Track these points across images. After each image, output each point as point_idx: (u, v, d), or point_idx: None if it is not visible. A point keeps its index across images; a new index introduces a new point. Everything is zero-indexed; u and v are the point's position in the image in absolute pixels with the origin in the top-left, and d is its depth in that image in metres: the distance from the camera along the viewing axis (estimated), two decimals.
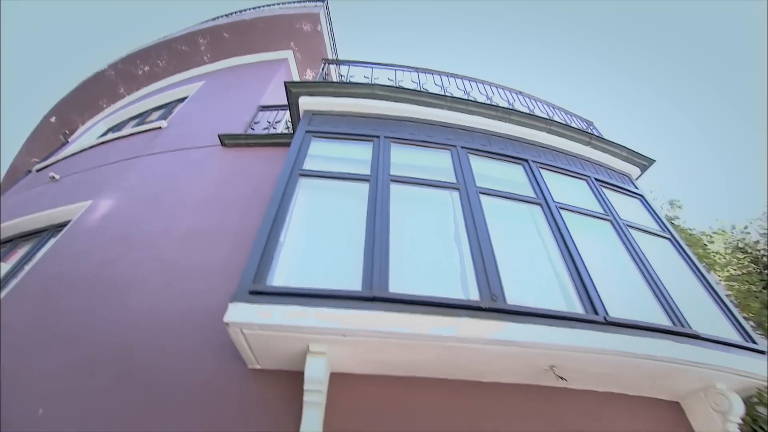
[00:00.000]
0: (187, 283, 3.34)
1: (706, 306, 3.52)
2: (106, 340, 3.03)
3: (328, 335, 2.33)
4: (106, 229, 4.19)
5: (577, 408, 2.84)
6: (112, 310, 3.26)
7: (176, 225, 4.00)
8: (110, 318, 3.20)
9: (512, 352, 2.47)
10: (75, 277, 3.69)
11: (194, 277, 3.36)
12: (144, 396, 2.62)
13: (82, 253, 3.98)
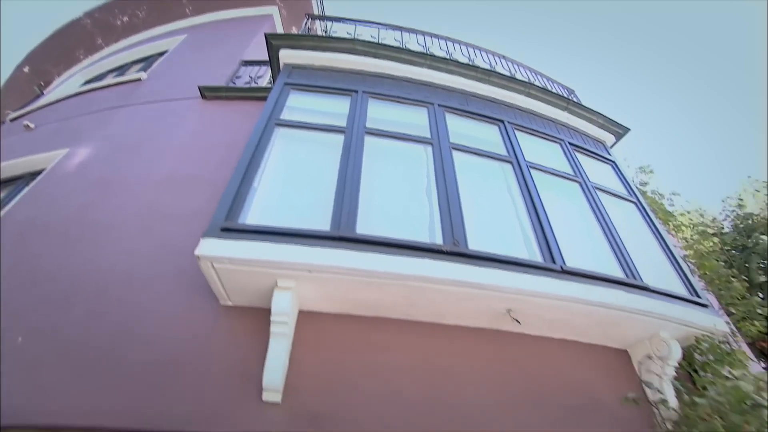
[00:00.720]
0: (165, 227, 3.39)
1: (660, 264, 3.72)
2: (82, 279, 3.09)
3: (295, 271, 2.44)
4: (83, 175, 4.19)
5: (533, 352, 3.04)
6: (89, 251, 3.31)
7: (155, 172, 4.02)
8: (87, 258, 3.25)
9: (471, 294, 2.62)
10: (52, 220, 3.72)
11: (172, 222, 3.41)
12: (120, 328, 2.72)
13: (59, 197, 3.99)
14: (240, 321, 2.73)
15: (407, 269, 2.47)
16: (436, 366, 2.72)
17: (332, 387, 2.48)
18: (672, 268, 3.70)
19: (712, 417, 2.32)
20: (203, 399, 2.38)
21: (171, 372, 2.49)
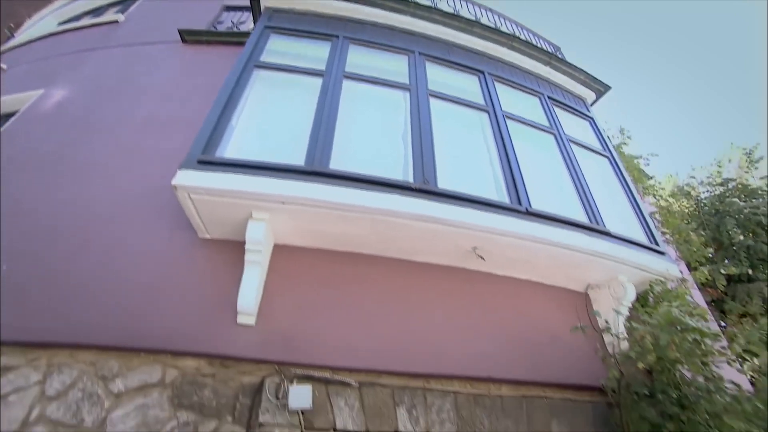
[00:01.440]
0: (145, 166, 3.41)
1: (626, 215, 3.89)
2: (64, 214, 3.12)
3: (268, 202, 2.52)
4: (61, 116, 4.14)
5: (498, 291, 3.22)
6: (69, 188, 3.33)
7: (135, 114, 4.00)
8: (68, 195, 3.27)
9: (438, 230, 2.75)
10: (31, 158, 3.70)
11: (152, 161, 3.42)
12: (102, 259, 2.80)
13: (36, 137, 3.96)
14: (218, 252, 2.83)
15: (376, 203, 2.57)
16: (405, 299, 2.88)
17: (304, 313, 2.62)
18: (636, 219, 3.87)
19: (644, 338, 2.53)
20: (183, 321, 2.51)
21: (152, 297, 2.60)
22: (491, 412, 2.64)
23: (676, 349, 2.44)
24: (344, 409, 2.38)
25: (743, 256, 8.61)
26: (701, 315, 2.93)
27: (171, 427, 2.26)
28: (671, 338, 2.41)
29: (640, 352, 2.71)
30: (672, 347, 2.43)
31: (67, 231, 2.99)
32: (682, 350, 2.45)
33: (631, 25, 31.79)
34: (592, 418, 2.91)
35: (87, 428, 2.22)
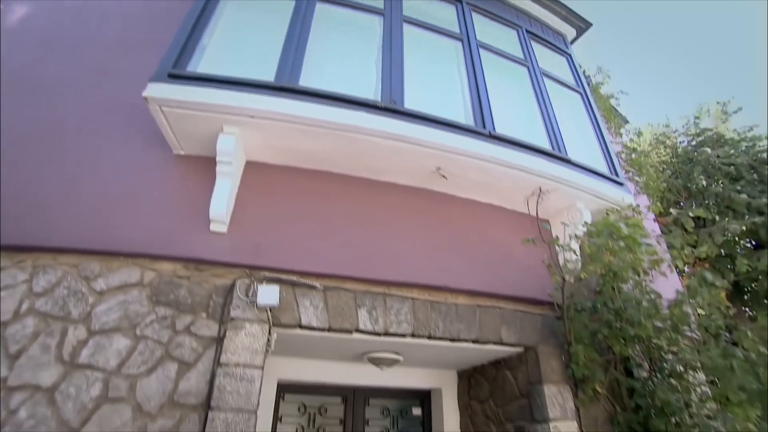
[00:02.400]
0: (116, 84, 3.41)
1: (592, 148, 4.06)
2: (36, 129, 3.11)
3: (239, 116, 2.61)
4: (24, 33, 4.03)
5: (460, 212, 3.41)
6: (39, 105, 3.32)
7: (103, 34, 3.92)
8: (38, 111, 3.26)
9: (403, 148, 2.88)
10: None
11: (124, 81, 3.41)
12: (77, 170, 2.88)
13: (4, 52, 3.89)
14: (192, 168, 2.94)
15: (342, 119, 2.68)
16: (371, 215, 3.06)
17: (273, 224, 2.80)
18: (601, 152, 4.04)
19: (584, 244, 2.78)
20: (159, 228, 2.66)
21: (129, 206, 2.73)
22: (446, 316, 2.91)
23: (610, 254, 2.68)
24: (309, 309, 2.62)
25: (711, 203, 8.95)
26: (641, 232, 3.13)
27: (150, 320, 2.47)
28: (605, 242, 2.64)
29: (584, 261, 2.98)
30: (607, 253, 2.67)
31: (40, 146, 3.01)
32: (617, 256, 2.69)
33: None
34: (540, 327, 3.21)
35: (74, 319, 2.42)
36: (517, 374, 3.28)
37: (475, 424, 3.72)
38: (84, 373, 2.28)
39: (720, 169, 9.01)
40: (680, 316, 3.13)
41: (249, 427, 2.24)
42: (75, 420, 2.17)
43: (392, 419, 3.99)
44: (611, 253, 2.70)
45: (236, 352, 2.39)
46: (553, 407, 2.94)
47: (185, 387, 2.33)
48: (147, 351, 2.39)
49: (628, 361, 3.31)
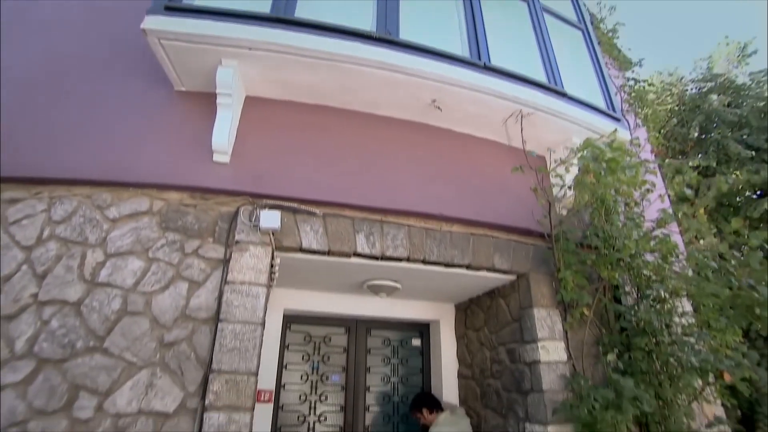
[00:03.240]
0: (113, 23, 3.42)
1: (590, 84, 4.05)
2: (35, 70, 3.18)
3: (236, 48, 2.67)
4: None
5: (457, 145, 3.49)
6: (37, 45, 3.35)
7: None
8: (36, 52, 3.28)
9: (399, 79, 2.94)
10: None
11: (120, 18, 3.43)
12: (81, 108, 2.98)
13: None
14: (193, 103, 3.03)
15: (338, 49, 2.72)
16: (368, 147, 3.16)
17: (274, 155, 2.91)
18: (599, 87, 4.04)
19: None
20: (164, 160, 2.80)
21: (135, 140, 2.85)
22: (440, 242, 3.06)
23: (593, 177, 2.77)
24: (310, 233, 2.77)
25: (712, 151, 8.82)
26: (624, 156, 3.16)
27: (161, 244, 2.65)
28: (587, 164, 2.73)
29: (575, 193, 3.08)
30: (590, 176, 2.77)
31: (45, 84, 3.11)
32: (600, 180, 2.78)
33: None
34: (531, 256, 3.36)
35: (91, 244, 2.60)
36: (510, 301, 3.47)
37: (471, 351, 3.97)
38: (104, 290, 2.49)
39: (723, 118, 8.82)
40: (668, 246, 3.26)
41: (255, 337, 2.45)
42: (100, 329, 2.39)
43: (393, 349, 4.26)
44: (595, 177, 2.79)
45: (242, 272, 2.57)
46: (542, 329, 3.13)
47: (196, 303, 2.53)
48: (159, 272, 2.58)
49: (617, 289, 3.47)
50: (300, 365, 3.90)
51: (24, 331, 2.34)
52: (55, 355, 2.31)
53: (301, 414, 3.76)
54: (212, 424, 2.22)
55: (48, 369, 2.28)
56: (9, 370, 2.25)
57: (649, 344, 3.05)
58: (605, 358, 2.97)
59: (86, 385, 2.27)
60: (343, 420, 3.84)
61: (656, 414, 2.93)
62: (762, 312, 2.59)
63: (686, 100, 9.59)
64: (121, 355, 2.36)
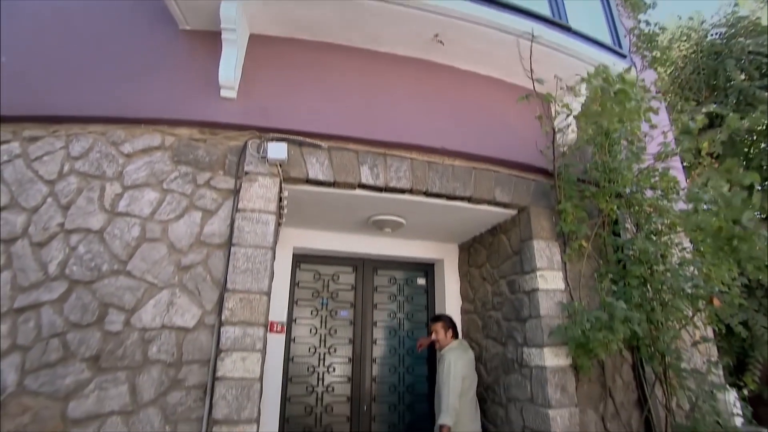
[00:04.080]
0: None
1: (598, 22, 3.98)
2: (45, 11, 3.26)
3: None
4: None
5: (460, 81, 3.52)
6: None
7: None
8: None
9: (402, 13, 2.95)
10: None
11: None
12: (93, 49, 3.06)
13: None
14: (198, 42, 3.09)
15: None
16: (372, 83, 3.21)
17: (279, 91, 2.98)
18: (607, 25, 3.97)
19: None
20: (173, 96, 2.89)
21: (143, 79, 2.94)
22: (442, 175, 3.15)
23: (600, 106, 2.80)
24: (316, 165, 2.88)
25: (732, 99, 8.55)
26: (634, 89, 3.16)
27: (174, 177, 2.78)
28: (596, 90, 2.76)
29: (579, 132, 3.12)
30: (597, 104, 2.80)
31: (52, 25, 3.17)
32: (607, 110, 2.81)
33: None
34: (532, 191, 3.44)
35: (109, 177, 2.74)
36: (511, 236, 3.58)
37: (473, 287, 4.14)
38: (124, 219, 2.65)
39: (751, 62, 8.49)
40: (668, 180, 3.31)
41: (266, 260, 2.61)
42: (122, 254, 2.57)
43: (399, 287, 4.45)
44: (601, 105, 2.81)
45: (251, 201, 2.71)
46: (541, 259, 3.25)
47: (209, 230, 2.69)
48: (174, 202, 2.73)
49: (616, 225, 3.55)
50: (310, 301, 4.12)
51: (55, 256, 2.53)
52: (84, 277, 2.50)
53: (312, 345, 4.01)
54: (228, 337, 2.42)
55: (79, 289, 2.48)
56: (45, 290, 2.46)
57: (644, 273, 3.17)
58: (601, 284, 3.09)
59: (114, 303, 2.48)
60: (352, 352, 4.09)
61: (646, 337, 3.09)
62: (741, 245, 2.67)
63: (705, 46, 9.23)
64: (143, 277, 2.55)
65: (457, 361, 3.36)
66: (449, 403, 3.18)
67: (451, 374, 3.26)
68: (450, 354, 3.42)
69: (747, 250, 2.36)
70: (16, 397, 2.25)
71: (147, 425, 2.32)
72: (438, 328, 3.60)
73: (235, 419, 2.30)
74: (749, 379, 6.18)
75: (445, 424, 3.11)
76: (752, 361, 6.32)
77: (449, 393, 3.20)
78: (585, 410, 3.09)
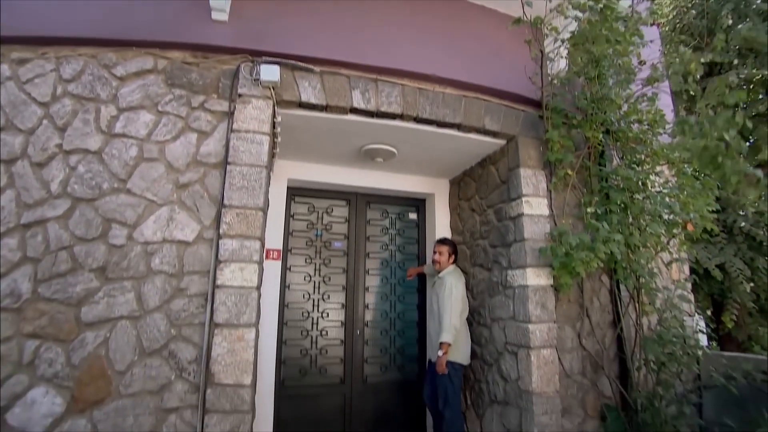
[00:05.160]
0: None
1: None
2: None
3: None
4: None
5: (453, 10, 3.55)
6: None
7: None
8: None
9: None
10: None
11: None
12: None
13: None
14: None
15: None
16: (365, 8, 3.22)
17: (271, 15, 2.98)
18: None
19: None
20: (162, 16, 2.87)
21: None
22: (433, 102, 3.20)
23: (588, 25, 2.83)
24: (308, 88, 2.92)
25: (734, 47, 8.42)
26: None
27: (168, 99, 2.82)
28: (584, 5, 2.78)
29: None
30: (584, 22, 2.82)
31: None
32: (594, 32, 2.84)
33: None
34: (521, 121, 3.51)
35: (103, 100, 2.77)
36: (499, 166, 3.69)
37: (462, 219, 4.29)
38: (121, 140, 2.71)
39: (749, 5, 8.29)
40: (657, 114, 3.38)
41: (261, 178, 2.71)
42: (122, 173, 2.66)
43: (391, 220, 4.60)
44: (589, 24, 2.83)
45: (246, 122, 2.77)
46: (527, 186, 3.37)
47: (205, 150, 2.77)
48: (170, 123, 2.78)
49: (602, 158, 3.65)
50: (305, 233, 4.27)
51: (56, 175, 2.61)
52: (86, 195, 2.60)
53: (307, 274, 4.20)
54: (227, 249, 2.56)
55: (82, 206, 2.58)
56: (49, 207, 2.56)
57: (625, 200, 3.31)
58: (585, 209, 3.21)
59: (116, 218, 2.59)
60: (345, 281, 4.29)
61: (624, 259, 3.27)
62: (724, 161, 2.79)
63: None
64: (143, 194, 2.65)
65: (457, 284, 3.59)
66: (451, 322, 3.41)
67: (452, 295, 3.49)
68: (450, 277, 3.64)
69: (731, 166, 2.48)
70: (32, 303, 2.41)
71: (154, 329, 2.50)
72: (443, 251, 3.78)
73: (235, 323, 2.49)
74: (727, 318, 6.57)
75: (446, 341, 3.36)
76: (729, 302, 6.66)
77: (451, 313, 3.44)
78: (563, 327, 3.33)
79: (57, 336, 2.40)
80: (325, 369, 4.07)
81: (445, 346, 3.36)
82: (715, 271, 5.89)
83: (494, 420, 3.47)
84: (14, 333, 2.37)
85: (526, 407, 3.07)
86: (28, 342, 2.37)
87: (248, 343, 2.49)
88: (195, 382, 2.47)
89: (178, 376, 2.48)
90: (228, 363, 2.44)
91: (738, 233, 6.56)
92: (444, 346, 3.35)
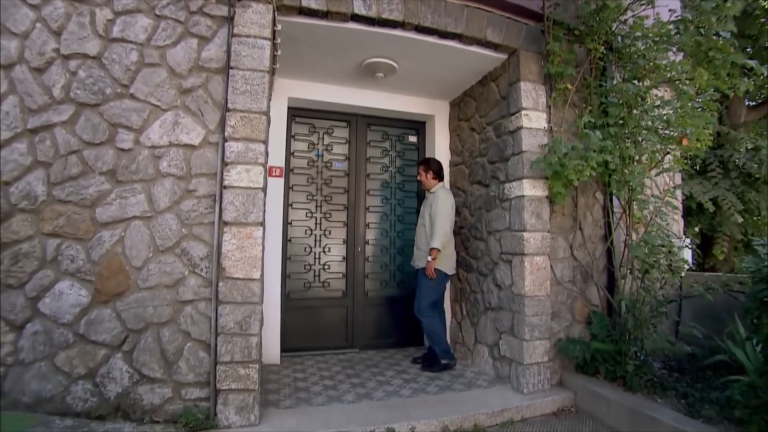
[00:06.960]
0: None
1: None
2: None
3: None
4: None
5: None
6: None
7: None
8: None
9: None
10: None
11: None
12: None
13: None
14: None
15: None
16: None
17: None
18: None
19: None
20: None
21: None
22: (435, 10, 3.14)
23: None
24: None
25: None
26: None
27: (166, 3, 2.73)
28: None
29: None
30: None
31: None
32: None
33: None
34: (524, 34, 3.45)
35: (98, 3, 2.68)
36: (500, 82, 3.68)
37: (462, 139, 4.33)
38: (120, 45, 2.69)
39: None
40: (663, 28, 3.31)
41: (264, 83, 2.72)
42: (124, 78, 2.66)
43: (391, 142, 4.64)
44: None
45: (246, 26, 2.73)
46: (527, 99, 3.39)
47: (207, 55, 2.75)
48: (169, 28, 2.74)
49: (603, 75, 3.62)
50: (306, 153, 4.32)
51: (57, 80, 2.61)
52: (90, 100, 2.62)
53: (310, 193, 4.31)
54: (233, 152, 2.63)
55: (87, 111, 2.61)
56: (54, 113, 2.58)
57: (622, 112, 3.33)
58: (581, 120, 3.23)
59: (122, 123, 2.63)
60: (347, 200, 4.40)
61: (618, 171, 3.36)
62: (715, 54, 2.82)
63: None
64: (147, 99, 2.67)
65: (447, 196, 3.73)
66: (442, 230, 3.58)
67: (443, 205, 3.64)
68: (440, 191, 3.77)
69: (722, 59, 2.51)
70: (48, 204, 2.51)
71: (166, 228, 2.62)
72: (421, 171, 3.88)
73: (243, 221, 2.61)
74: (718, 251, 6.81)
75: (436, 247, 3.54)
76: (720, 235, 6.87)
77: (443, 221, 3.61)
78: (556, 238, 3.49)
79: (75, 235, 2.53)
80: (328, 283, 4.29)
81: (435, 251, 3.54)
82: (707, 203, 6.04)
83: (488, 325, 3.72)
84: (35, 233, 2.49)
85: (518, 309, 3.28)
86: (49, 240, 2.50)
87: (256, 240, 2.62)
88: (207, 277, 2.64)
89: (191, 271, 2.63)
90: (238, 258, 2.59)
91: (733, 168, 6.65)
92: (434, 252, 3.54)
